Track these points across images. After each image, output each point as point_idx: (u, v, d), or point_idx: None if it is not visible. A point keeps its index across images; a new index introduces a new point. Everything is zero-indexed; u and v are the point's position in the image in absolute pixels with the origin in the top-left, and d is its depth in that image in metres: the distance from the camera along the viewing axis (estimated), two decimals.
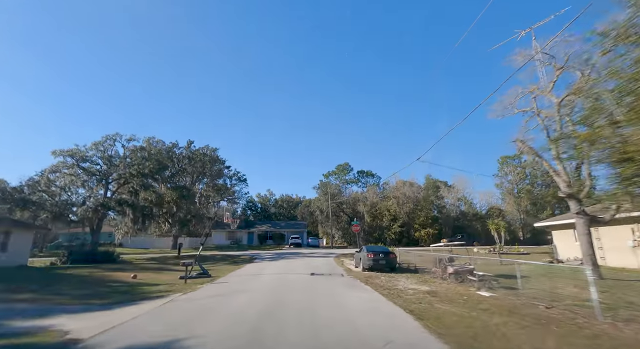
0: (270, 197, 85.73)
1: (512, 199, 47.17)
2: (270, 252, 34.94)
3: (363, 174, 65.72)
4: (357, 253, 19.27)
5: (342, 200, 52.72)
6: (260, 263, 22.92)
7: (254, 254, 31.99)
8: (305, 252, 33.20)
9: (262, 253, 33.03)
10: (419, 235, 45.29)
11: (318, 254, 29.94)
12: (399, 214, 47.05)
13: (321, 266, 20.20)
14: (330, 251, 36.68)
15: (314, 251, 36.68)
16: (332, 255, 28.83)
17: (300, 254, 29.67)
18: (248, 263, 23.02)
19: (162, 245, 51.07)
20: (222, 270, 18.71)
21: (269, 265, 21.27)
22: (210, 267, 19.37)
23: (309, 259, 24.63)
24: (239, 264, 22.34)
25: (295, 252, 32.17)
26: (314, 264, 21.45)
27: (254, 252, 34.13)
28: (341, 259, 25.23)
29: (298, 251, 35.06)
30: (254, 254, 30.95)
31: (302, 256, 28.21)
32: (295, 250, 38.43)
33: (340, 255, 28.38)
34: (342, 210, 52.84)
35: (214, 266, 21.54)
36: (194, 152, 46.14)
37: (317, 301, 8.84)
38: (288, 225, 57.27)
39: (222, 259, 28.12)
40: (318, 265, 20.56)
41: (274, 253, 32.69)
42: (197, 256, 17.28)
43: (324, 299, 9.23)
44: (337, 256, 27.76)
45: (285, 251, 36.11)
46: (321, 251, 35.44)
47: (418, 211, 47.06)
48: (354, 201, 53.29)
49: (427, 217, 46.06)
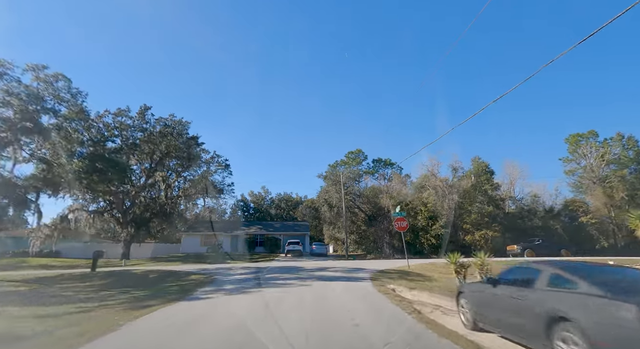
0: (265, 196, 72.06)
1: (599, 190, 33.30)
2: (252, 266, 21.25)
3: (380, 163, 52.07)
4: (484, 286, 5.78)
5: (359, 192, 39.02)
6: (205, 301, 9.30)
7: (222, 270, 18.37)
8: (308, 266, 19.48)
9: (236, 268, 19.36)
10: (472, 239, 31.51)
11: (332, 271, 16.18)
12: (440, 209, 33.29)
13: (363, 321, 6.49)
14: (348, 263, 22.95)
15: (322, 263, 22.96)
16: (359, 274, 15.09)
17: (301, 272, 15.94)
18: (177, 301, 9.27)
19: (114, 253, 36.88)
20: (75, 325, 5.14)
21: (215, 313, 7.64)
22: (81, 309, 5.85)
23: (319, 288, 10.98)
24: (153, 305, 8.65)
25: (292, 268, 18.45)
26: (334, 308, 7.79)
27: (224, 267, 20.44)
28: (391, 285, 11.58)
29: (297, 264, 21.31)
30: (221, 272, 17.33)
31: (303, 276, 14.39)
32: (293, 262, 24.75)
33: (378, 274, 14.63)
34: (358, 206, 39.11)
35: (94, 308, 7.95)
36: (150, 122, 32.77)
37: None
38: (285, 227, 43.53)
39: (154, 281, 14.61)
40: (351, 318, 6.80)
41: (256, 268, 18.99)
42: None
43: None
44: (372, 276, 14.01)
45: (277, 265, 22.35)
46: (334, 264, 21.70)
47: (467, 205, 33.39)
48: (373, 193, 39.61)
49: (481, 214, 32.33)
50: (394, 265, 19.64)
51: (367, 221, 38.29)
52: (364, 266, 18.67)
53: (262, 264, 22.53)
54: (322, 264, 21.96)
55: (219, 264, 24.44)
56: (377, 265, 19.94)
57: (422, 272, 15.60)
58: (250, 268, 18.85)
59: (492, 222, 32.22)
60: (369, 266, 19.39)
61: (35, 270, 20.76)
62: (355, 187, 38.01)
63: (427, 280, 13.49)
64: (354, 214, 38.56)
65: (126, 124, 32.10)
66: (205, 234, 39.83)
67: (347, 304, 8.24)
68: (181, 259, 32.39)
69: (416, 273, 15.22)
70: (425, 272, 15.63)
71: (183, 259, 32.34)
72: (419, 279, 13.65)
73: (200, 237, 39.65)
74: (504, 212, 34.83)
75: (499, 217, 33.28)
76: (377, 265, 19.99)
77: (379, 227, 35.72)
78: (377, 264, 20.55)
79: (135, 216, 35.50)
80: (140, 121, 31.81)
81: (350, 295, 9.73)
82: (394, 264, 20.54)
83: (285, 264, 21.53)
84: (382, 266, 19.20)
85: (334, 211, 36.81)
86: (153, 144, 33.49)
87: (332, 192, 36.60)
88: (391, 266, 19.18)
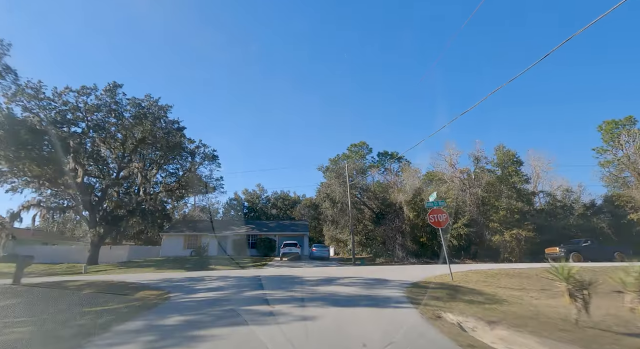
0: (261, 194, 67.03)
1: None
2: (236, 275, 16.15)
3: (386, 157, 47.30)
4: None
5: (365, 186, 34.16)
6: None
7: (193, 281, 13.35)
8: (309, 275, 14.52)
9: (213, 279, 14.33)
10: (501, 240, 26.65)
11: (344, 285, 11.00)
12: (462, 205, 28.51)
13: None
14: (359, 270, 18.01)
15: (325, 270, 18.04)
16: (386, 290, 9.95)
17: (300, 286, 10.80)
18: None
19: (78, 257, 31.71)
20: None
21: None
22: None
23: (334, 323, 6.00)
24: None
25: (288, 279, 13.47)
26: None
27: (199, 276, 15.36)
28: (450, 315, 6.60)
29: (294, 272, 16.31)
30: (187, 285, 12.32)
31: (304, 295, 9.21)
32: (289, 269, 19.84)
33: (414, 291, 9.58)
34: (364, 202, 34.23)
35: None
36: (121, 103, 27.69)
37: None
38: (281, 227, 38.54)
39: (74, 303, 9.60)
40: None
41: (239, 279, 13.97)
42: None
43: None
44: (408, 294, 8.99)
45: (269, 273, 17.36)
46: (343, 272, 16.75)
47: (493, 200, 28.57)
48: (381, 188, 34.78)
49: (510, 210, 27.50)
50: (424, 273, 14.75)
51: (375, 220, 33.40)
52: (384, 275, 13.75)
53: (250, 272, 17.53)
54: (327, 271, 16.99)
55: (196, 272, 19.44)
56: (400, 273, 15.04)
57: (475, 286, 10.72)
58: (231, 278, 13.85)
59: (524, 220, 27.41)
60: (390, 274, 14.47)
61: None
62: (361, 181, 33.11)
63: (495, 302, 8.57)
64: (359, 212, 33.67)
65: (93, 105, 27.06)
66: (188, 235, 34.76)
67: None
68: (156, 264, 27.34)
69: (469, 289, 10.31)
70: (479, 286, 10.76)
71: (158, 264, 27.29)
72: (483, 300, 8.72)
73: (184, 238, 34.56)
74: (534, 208, 30.02)
75: (529, 214, 28.47)
76: (401, 273, 15.08)
77: (389, 227, 30.85)
78: (399, 272, 15.62)
79: (106, 214, 30.41)
80: (110, 101, 26.75)
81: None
82: (422, 271, 15.63)
83: (278, 272, 16.53)
84: (407, 274, 14.29)
85: (336, 207, 31.87)
86: (125, 129, 28.46)
87: (334, 186, 31.69)
88: (420, 274, 14.29)
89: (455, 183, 30.62)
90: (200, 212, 63.03)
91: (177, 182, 36.17)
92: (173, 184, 36.47)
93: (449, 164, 31.13)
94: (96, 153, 29.63)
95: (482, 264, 24.53)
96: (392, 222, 30.92)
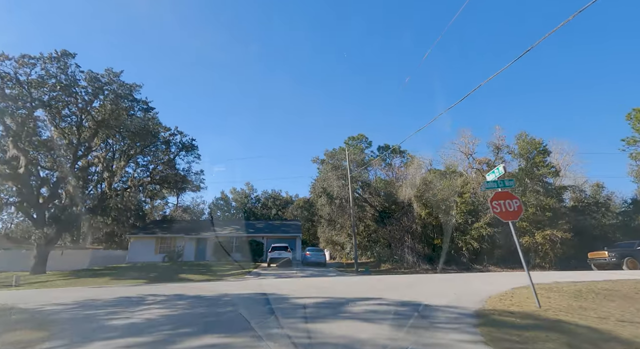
0: (250, 193, 62.05)
1: None
2: (201, 291, 11.33)
3: (387, 151, 42.88)
4: None
5: (367, 181, 29.67)
6: None
7: (129, 303, 8.64)
8: (302, 294, 9.85)
9: (160, 298, 9.62)
10: (531, 242, 22.34)
11: (366, 323, 6.20)
12: (484, 201, 24.25)
13: None
14: (372, 283, 13.33)
15: (325, 282, 13.41)
16: (442, 332, 5.42)
17: (288, 316, 6.04)
18: None
19: (26, 265, 26.47)
20: None
21: None
22: None
23: None
24: None
25: (271, 300, 8.80)
26: None
27: (142, 296, 10.49)
28: None
29: (282, 289, 11.54)
30: (120, 309, 7.59)
31: (293, 339, 4.77)
32: (277, 279, 15.12)
33: (498, 333, 5.14)
34: (365, 199, 29.72)
35: None
36: (73, 76, 22.67)
37: None
38: (270, 227, 33.77)
39: None
40: None
41: (196, 300, 9.21)
42: None
43: None
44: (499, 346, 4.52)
45: (245, 289, 12.56)
46: (350, 285, 12.10)
47: (519, 195, 24.31)
48: (385, 184, 30.36)
49: (541, 207, 23.23)
50: (469, 288, 10.29)
51: (378, 219, 28.93)
52: (413, 293, 9.19)
53: (221, 287, 12.77)
54: (327, 285, 12.31)
55: (153, 286, 14.62)
56: (434, 288, 10.48)
57: (586, 321, 6.19)
58: (183, 302, 9.09)
59: (557, 218, 23.19)
60: (420, 290, 9.91)
61: None
62: (362, 175, 28.61)
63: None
64: (361, 209, 29.17)
65: (39, 78, 22.04)
66: (161, 238, 29.74)
67: None
68: (116, 273, 22.38)
69: (585, 327, 5.80)
70: (589, 320, 6.24)
71: (119, 273, 22.34)
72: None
73: (155, 241, 29.53)
74: (564, 206, 25.83)
75: (560, 212, 24.26)
76: (434, 288, 10.52)
77: (396, 226, 26.42)
78: (430, 287, 11.02)
79: (58, 212, 25.28)
80: (57, 72, 21.76)
81: None
82: (464, 285, 11.09)
83: (260, 288, 11.80)
84: (446, 291, 9.75)
85: (334, 204, 27.28)
86: (80, 109, 23.50)
87: (332, 179, 27.10)
88: (466, 290, 9.80)
89: (472, 176, 26.33)
90: (183, 213, 57.79)
91: (149, 176, 31.17)
92: (145, 178, 31.45)
93: (465, 154, 26.87)
94: (45, 138, 24.58)
95: (516, 273, 20.16)
96: (399, 221, 26.50)
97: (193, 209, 59.73)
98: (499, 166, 8.31)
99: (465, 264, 23.18)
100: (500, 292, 9.42)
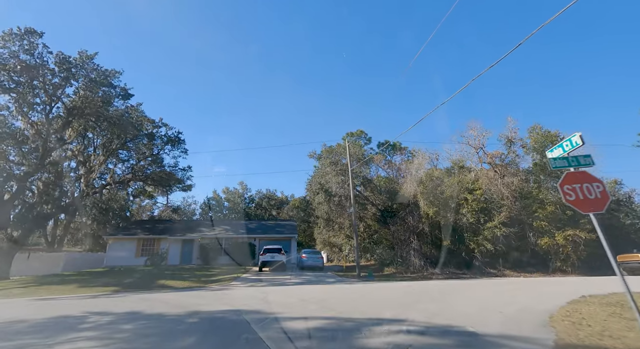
0: (243, 193, 59.50)
1: None
2: (167, 306, 8.87)
3: (387, 148, 40.68)
4: None
5: (368, 177, 27.44)
6: None
7: (65, 326, 6.27)
8: (296, 314, 7.50)
9: (108, 319, 7.22)
10: (551, 244, 20.19)
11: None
12: (498, 199, 22.11)
13: None
14: (385, 292, 10.97)
15: (327, 295, 11.03)
16: None
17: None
18: None
19: None
20: None
21: None
22: None
23: None
24: None
25: (252, 321, 6.44)
26: None
27: (82, 316, 8.03)
28: None
29: (269, 305, 9.13)
30: (50, 335, 5.25)
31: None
32: (266, 290, 12.63)
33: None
34: (366, 197, 27.46)
35: None
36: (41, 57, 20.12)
37: None
38: (263, 228, 31.35)
39: None
40: None
41: (155, 320, 6.85)
42: None
43: None
44: None
45: (225, 305, 10.11)
46: (358, 297, 9.75)
47: (535, 192, 22.18)
48: (387, 182, 28.16)
49: (562, 205, 21.12)
50: (514, 300, 8.03)
51: (380, 218, 26.67)
52: (444, 311, 6.90)
53: (194, 300, 10.37)
54: (328, 297, 9.93)
55: (114, 297, 12.12)
56: (467, 301, 8.17)
57: None
58: (134, 324, 6.73)
59: (577, 217, 21.12)
60: (447, 303, 7.62)
61: None
62: (364, 171, 26.34)
63: None
64: (361, 208, 26.92)
65: None
66: (144, 239, 27.15)
67: None
68: (87, 279, 19.81)
69: None
70: None
71: (90, 278, 19.78)
72: None
73: (137, 243, 26.93)
74: None
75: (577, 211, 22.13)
76: (469, 301, 8.20)
77: (401, 227, 24.20)
78: (460, 298, 8.71)
79: (25, 211, 22.66)
80: (17, 50, 19.17)
81: None
82: (509, 297, 8.77)
83: (243, 301, 9.42)
84: (486, 304, 7.46)
85: (332, 202, 24.96)
86: (48, 95, 20.95)
87: (330, 175, 24.79)
88: (510, 305, 7.51)
89: (482, 171, 24.18)
90: (173, 214, 55.06)
91: (131, 173, 28.64)
92: (127, 175, 28.91)
93: (474, 147, 24.73)
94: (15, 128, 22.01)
95: (542, 279, 18.01)
96: (403, 220, 24.27)
97: (184, 210, 57.04)
98: (571, 137, 6.03)
99: (479, 268, 20.98)
100: (559, 308, 7.17)
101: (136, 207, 51.80)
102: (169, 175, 29.12)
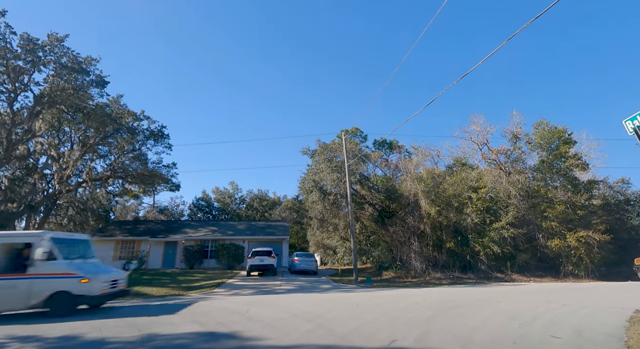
0: (234, 193, 57.35)
1: None
2: (116, 325, 7.11)
3: (384, 147, 39.17)
4: None
5: (365, 174, 25.82)
6: None
7: None
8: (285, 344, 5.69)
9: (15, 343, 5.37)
10: (561, 246, 18.76)
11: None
12: (505, 198, 20.68)
13: None
14: (396, 303, 9.22)
15: (325, 311, 9.24)
16: None
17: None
18: None
19: None
20: None
21: None
22: None
23: None
24: None
25: None
26: None
27: (4, 344, 6.17)
28: None
29: (250, 329, 7.33)
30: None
31: None
32: (251, 302, 10.71)
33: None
34: (363, 196, 25.81)
35: None
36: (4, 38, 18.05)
37: None
38: (252, 229, 29.44)
39: None
40: None
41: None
42: None
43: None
44: None
45: (192, 328, 8.25)
46: (369, 314, 7.98)
47: (543, 191, 20.78)
48: (386, 181, 26.59)
49: (571, 204, 19.75)
50: (556, 317, 6.32)
51: (378, 219, 25.04)
52: (474, 334, 5.23)
53: (164, 314, 8.54)
54: (324, 311, 8.09)
55: None
56: (493, 316, 6.45)
57: None
58: None
59: (591, 214, 19.77)
60: (470, 318, 5.93)
61: None
62: (359, 168, 24.66)
63: None
64: (358, 207, 25.25)
65: None
66: (122, 241, 25.02)
67: None
68: None
69: None
70: None
71: None
72: None
73: (115, 245, 24.79)
74: (593, 203, 22.43)
75: (589, 210, 20.85)
76: (496, 317, 6.47)
77: (400, 227, 22.60)
78: (481, 311, 7.00)
79: None
80: None
81: None
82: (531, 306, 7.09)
83: (219, 317, 7.59)
84: (520, 321, 5.76)
85: (328, 201, 23.21)
86: (11, 80, 18.83)
87: (325, 172, 23.06)
88: (557, 324, 5.80)
89: (487, 168, 22.75)
90: (160, 214, 52.66)
91: (109, 169, 26.51)
92: (105, 171, 26.76)
93: (478, 144, 23.31)
94: None
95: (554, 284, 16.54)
96: (403, 221, 22.67)
97: (171, 210, 54.71)
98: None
99: (484, 271, 19.46)
100: (625, 330, 5.53)
101: (120, 208, 49.32)
102: (152, 172, 27.04)
